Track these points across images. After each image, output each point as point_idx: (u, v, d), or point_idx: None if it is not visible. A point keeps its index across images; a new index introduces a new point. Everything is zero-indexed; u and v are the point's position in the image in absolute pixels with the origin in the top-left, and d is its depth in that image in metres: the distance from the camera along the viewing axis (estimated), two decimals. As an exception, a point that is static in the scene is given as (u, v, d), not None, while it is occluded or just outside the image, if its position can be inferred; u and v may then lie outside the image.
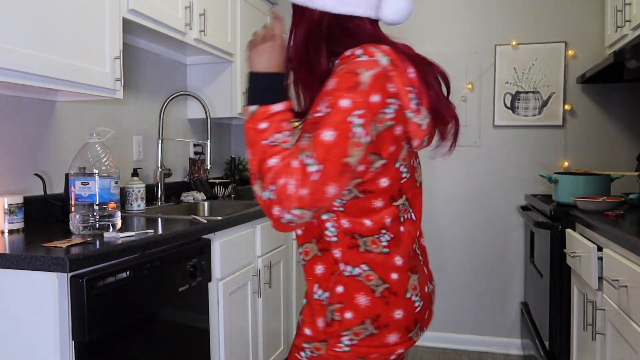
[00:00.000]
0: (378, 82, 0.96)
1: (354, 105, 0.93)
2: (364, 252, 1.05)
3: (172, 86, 2.85)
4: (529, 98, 3.03)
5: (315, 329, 1.08)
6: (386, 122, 0.98)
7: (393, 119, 0.99)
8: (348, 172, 0.95)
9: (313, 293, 1.09)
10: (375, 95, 0.95)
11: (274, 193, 0.93)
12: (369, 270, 1.05)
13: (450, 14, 3.15)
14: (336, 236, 1.05)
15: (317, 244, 1.08)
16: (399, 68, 1.00)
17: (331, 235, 1.06)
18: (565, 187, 2.37)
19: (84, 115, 2.19)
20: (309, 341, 1.09)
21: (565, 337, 2.19)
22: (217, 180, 3.15)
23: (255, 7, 3.13)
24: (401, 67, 1.01)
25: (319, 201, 0.94)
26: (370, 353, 1.06)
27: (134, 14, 1.98)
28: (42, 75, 1.55)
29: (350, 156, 0.93)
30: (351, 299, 1.05)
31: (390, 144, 1.00)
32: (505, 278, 3.13)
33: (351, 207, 1.03)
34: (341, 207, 1.04)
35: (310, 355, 1.09)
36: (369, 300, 1.04)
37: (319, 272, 1.08)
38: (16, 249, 1.37)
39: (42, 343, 1.28)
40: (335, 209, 1.04)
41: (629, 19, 2.33)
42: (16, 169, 1.87)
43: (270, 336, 2.56)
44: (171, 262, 1.67)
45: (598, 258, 1.73)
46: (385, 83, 0.97)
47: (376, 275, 1.05)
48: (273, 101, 1.00)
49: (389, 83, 0.98)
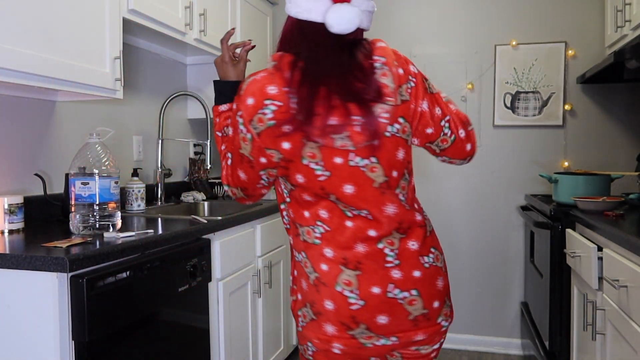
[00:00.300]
0: (253, 86, 1.10)
1: (237, 108, 1.12)
2: (303, 241, 1.17)
3: (172, 86, 2.85)
4: (529, 98, 3.03)
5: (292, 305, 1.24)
6: (267, 122, 1.08)
7: (273, 118, 1.07)
8: (245, 161, 1.14)
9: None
10: (250, 99, 1.09)
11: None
12: (305, 258, 1.16)
13: (451, 14, 3.15)
14: (288, 224, 1.22)
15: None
16: (280, 71, 1.09)
17: (286, 224, 1.23)
18: (565, 187, 2.37)
19: (84, 115, 2.19)
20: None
21: (565, 337, 2.19)
22: (217, 180, 3.15)
23: (255, 7, 3.13)
24: (284, 70, 1.09)
25: (237, 182, 1.19)
26: (312, 337, 1.15)
27: (134, 14, 1.98)
28: (42, 75, 1.55)
29: (241, 148, 1.13)
30: (299, 283, 1.19)
31: (282, 140, 1.08)
32: (505, 278, 3.13)
33: (293, 198, 1.17)
34: (288, 198, 1.18)
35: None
36: (307, 286, 1.16)
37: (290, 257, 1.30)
38: (16, 249, 1.37)
39: (42, 343, 1.28)
40: (286, 200, 1.19)
41: (629, 19, 2.33)
42: (16, 169, 1.87)
43: (270, 336, 2.56)
44: (171, 262, 1.67)
45: (598, 258, 1.73)
46: (264, 86, 1.08)
47: (310, 263, 1.15)
48: (220, 102, 1.31)
49: (269, 85, 1.08)
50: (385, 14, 3.26)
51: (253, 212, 2.31)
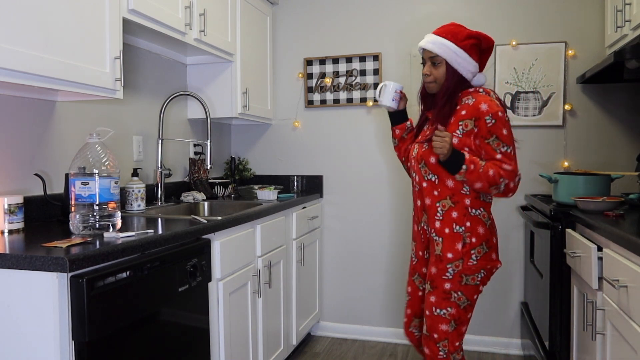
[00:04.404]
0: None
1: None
2: (482, 200, 1.89)
3: (172, 86, 2.85)
4: (529, 98, 3.03)
5: (456, 251, 1.85)
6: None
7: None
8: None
9: (453, 229, 1.86)
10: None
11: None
12: (484, 211, 1.89)
13: (450, 13, 3.15)
14: (469, 191, 1.87)
15: (451, 199, 1.87)
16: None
17: (466, 191, 1.87)
18: (565, 187, 2.37)
19: (84, 115, 2.19)
20: (452, 261, 1.85)
21: (565, 337, 2.19)
22: (217, 180, 3.16)
23: (255, 7, 3.13)
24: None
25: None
26: (486, 265, 1.88)
27: (134, 14, 1.99)
28: (42, 75, 1.55)
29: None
30: (475, 229, 1.86)
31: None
32: (505, 278, 3.13)
33: None
34: None
35: (454, 271, 1.85)
36: (484, 230, 1.87)
37: (454, 216, 1.86)
38: (16, 249, 1.37)
39: (42, 343, 1.28)
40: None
41: (629, 19, 2.33)
42: (16, 169, 1.87)
43: (270, 336, 2.56)
44: (171, 262, 1.67)
45: (598, 258, 1.73)
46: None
47: (487, 214, 1.90)
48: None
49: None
50: (385, 14, 3.26)
51: (253, 212, 2.31)
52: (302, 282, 3.05)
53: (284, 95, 3.48)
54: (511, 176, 1.81)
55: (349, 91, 3.34)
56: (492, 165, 1.81)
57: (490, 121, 1.82)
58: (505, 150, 1.82)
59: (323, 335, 3.43)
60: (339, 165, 3.40)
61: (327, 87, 3.38)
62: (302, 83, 3.43)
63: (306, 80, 3.42)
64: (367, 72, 3.30)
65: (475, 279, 1.86)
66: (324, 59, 3.38)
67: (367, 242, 3.34)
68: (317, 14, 3.40)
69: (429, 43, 1.92)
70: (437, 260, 1.89)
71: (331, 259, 3.43)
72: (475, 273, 1.85)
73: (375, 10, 3.29)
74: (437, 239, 1.89)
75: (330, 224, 3.43)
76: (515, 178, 1.82)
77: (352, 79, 3.33)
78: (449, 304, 1.86)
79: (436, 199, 1.90)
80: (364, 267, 3.35)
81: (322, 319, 3.46)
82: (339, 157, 3.39)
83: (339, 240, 3.41)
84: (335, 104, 3.37)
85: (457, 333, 1.89)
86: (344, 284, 3.41)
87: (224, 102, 2.92)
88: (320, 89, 3.39)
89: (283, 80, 3.48)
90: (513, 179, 1.82)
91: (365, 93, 3.30)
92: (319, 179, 3.43)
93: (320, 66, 3.39)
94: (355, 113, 3.35)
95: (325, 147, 3.41)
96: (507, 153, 1.82)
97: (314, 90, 3.41)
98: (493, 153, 1.83)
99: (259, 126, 3.54)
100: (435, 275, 1.88)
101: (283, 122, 3.50)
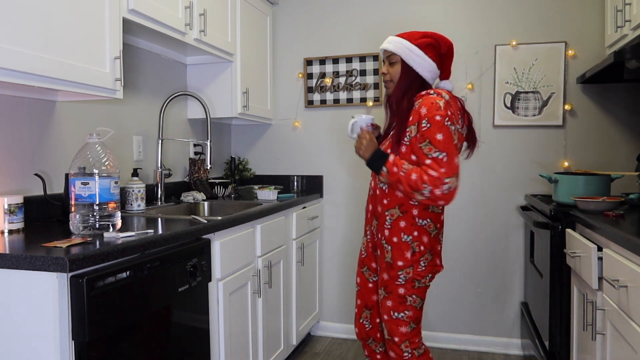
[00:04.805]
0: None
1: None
2: (430, 211, 1.90)
3: (172, 86, 2.85)
4: (529, 98, 3.03)
5: (406, 259, 1.87)
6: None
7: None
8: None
9: (401, 238, 1.88)
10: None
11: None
12: (430, 221, 1.90)
13: (450, 14, 3.15)
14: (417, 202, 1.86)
15: (400, 208, 1.88)
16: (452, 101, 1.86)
17: (414, 201, 1.86)
18: (565, 187, 2.37)
19: (84, 115, 2.19)
20: (402, 269, 1.88)
21: (565, 337, 2.19)
22: (217, 180, 3.16)
23: (255, 7, 3.13)
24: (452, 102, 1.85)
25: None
26: (432, 270, 1.92)
27: (134, 14, 1.99)
28: (42, 75, 1.55)
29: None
30: (421, 239, 1.89)
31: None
32: (505, 278, 3.13)
33: None
34: None
35: (405, 277, 1.88)
36: (428, 239, 1.90)
37: (402, 225, 1.87)
38: (16, 249, 1.37)
39: (42, 343, 1.28)
40: None
41: (629, 19, 2.33)
42: (16, 169, 1.87)
43: (270, 336, 2.56)
44: (171, 262, 1.67)
45: (598, 258, 1.73)
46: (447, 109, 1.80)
47: (433, 225, 1.91)
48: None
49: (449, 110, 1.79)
50: (385, 14, 3.26)
51: (253, 212, 2.31)
52: (302, 282, 3.05)
53: (284, 95, 3.48)
54: (435, 183, 1.71)
55: (349, 91, 3.34)
56: (417, 170, 1.76)
57: (426, 125, 1.76)
58: (436, 156, 1.73)
59: (323, 335, 3.43)
60: (339, 165, 3.40)
61: (327, 87, 3.37)
62: (302, 83, 3.43)
63: (306, 80, 3.42)
64: (367, 72, 3.30)
65: (426, 282, 1.92)
66: (324, 59, 3.38)
67: (367, 242, 3.34)
68: (317, 14, 3.40)
69: (386, 43, 1.95)
70: (387, 267, 1.92)
71: (331, 259, 3.43)
72: (424, 277, 1.91)
73: (375, 11, 3.29)
74: (386, 246, 1.92)
75: (330, 224, 3.43)
76: (440, 185, 1.71)
77: (352, 79, 3.33)
78: (406, 307, 1.90)
79: (385, 208, 1.92)
80: (364, 267, 3.35)
81: (322, 319, 3.46)
82: (339, 157, 3.39)
83: (339, 240, 3.41)
84: (335, 104, 3.37)
85: (416, 331, 1.93)
86: (344, 284, 3.41)
87: (224, 102, 2.92)
88: (320, 89, 3.39)
89: (283, 80, 3.48)
90: (438, 186, 1.71)
91: (365, 93, 3.30)
92: (319, 179, 3.43)
93: (320, 66, 3.39)
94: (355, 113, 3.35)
95: (325, 147, 3.41)
96: (437, 159, 1.73)
97: (314, 90, 3.41)
98: (423, 158, 1.76)
99: (259, 126, 3.54)
100: (388, 281, 1.91)
101: (283, 122, 3.50)
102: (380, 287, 1.95)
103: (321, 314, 3.44)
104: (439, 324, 3.24)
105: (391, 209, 1.90)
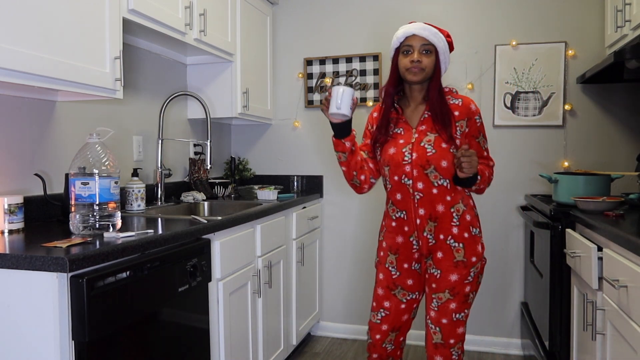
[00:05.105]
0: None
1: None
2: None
3: (172, 86, 2.85)
4: (529, 98, 3.03)
5: (478, 253, 1.85)
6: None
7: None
8: None
9: (471, 232, 1.85)
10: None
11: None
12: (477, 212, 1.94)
13: (451, 14, 3.15)
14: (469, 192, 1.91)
15: (462, 202, 1.86)
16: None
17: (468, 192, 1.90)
18: (565, 187, 2.37)
19: (84, 115, 2.19)
20: (475, 264, 1.84)
21: (565, 337, 2.19)
22: (217, 180, 3.16)
23: (255, 7, 3.13)
24: None
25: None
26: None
27: (134, 14, 1.99)
28: (42, 75, 1.55)
29: None
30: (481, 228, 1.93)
31: None
32: (505, 278, 3.13)
33: None
34: None
35: (474, 272, 1.85)
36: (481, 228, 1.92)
37: (469, 219, 1.86)
38: (16, 249, 1.37)
39: (42, 343, 1.28)
40: None
41: (629, 19, 2.33)
42: (16, 169, 1.87)
43: (270, 336, 2.56)
44: (171, 262, 1.67)
45: (598, 258, 1.73)
46: None
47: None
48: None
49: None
50: (385, 14, 3.26)
51: (253, 212, 2.31)
52: (302, 282, 3.05)
53: (284, 95, 3.48)
54: (493, 171, 1.93)
55: (349, 91, 3.33)
56: (485, 167, 1.88)
57: (479, 120, 1.89)
58: (487, 147, 1.93)
59: (323, 335, 3.43)
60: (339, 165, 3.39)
61: (327, 87, 3.37)
62: (302, 83, 3.43)
63: (306, 80, 3.42)
64: (367, 72, 3.30)
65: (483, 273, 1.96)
66: (324, 59, 3.38)
67: (367, 242, 3.33)
68: (317, 14, 3.40)
69: (423, 30, 1.82)
70: (459, 266, 1.83)
71: (331, 259, 3.43)
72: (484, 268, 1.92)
73: (376, 11, 3.29)
74: (456, 245, 1.83)
75: (330, 224, 3.43)
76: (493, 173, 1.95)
77: (352, 79, 3.33)
78: (467, 305, 1.86)
79: (450, 204, 1.84)
80: (363, 267, 3.35)
81: (322, 319, 3.46)
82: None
83: (339, 240, 3.41)
84: (335, 104, 3.37)
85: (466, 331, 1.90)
86: (344, 284, 3.41)
87: (224, 102, 2.92)
88: (320, 89, 3.39)
89: (283, 80, 3.48)
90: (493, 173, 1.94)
91: (365, 93, 3.30)
92: (319, 179, 3.43)
93: (320, 66, 3.39)
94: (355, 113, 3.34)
95: (325, 147, 3.41)
96: (488, 150, 1.94)
97: (314, 90, 3.41)
98: (481, 151, 1.90)
99: (259, 126, 3.54)
100: (456, 282, 1.82)
101: (283, 122, 3.50)
102: (443, 291, 1.83)
103: (321, 314, 3.44)
104: (439, 324, 3.23)
105: (456, 204, 1.85)
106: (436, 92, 1.84)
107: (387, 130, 1.92)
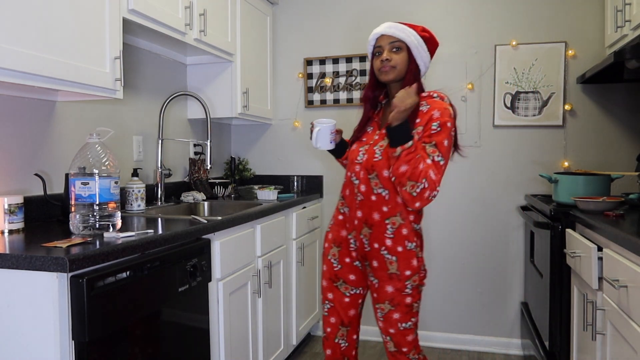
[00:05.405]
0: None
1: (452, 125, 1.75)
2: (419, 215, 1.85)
3: (172, 86, 2.85)
4: (529, 98, 3.03)
5: (412, 267, 1.79)
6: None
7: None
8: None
9: (406, 247, 1.78)
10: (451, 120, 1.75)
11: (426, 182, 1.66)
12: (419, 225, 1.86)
13: (451, 13, 3.15)
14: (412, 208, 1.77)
15: (400, 215, 1.78)
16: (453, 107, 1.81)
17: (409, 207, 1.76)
18: (565, 187, 2.37)
19: (84, 115, 2.19)
20: (410, 278, 1.79)
21: (565, 337, 2.19)
22: (217, 180, 3.16)
23: (255, 7, 3.13)
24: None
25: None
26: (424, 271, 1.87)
27: (134, 14, 1.99)
28: (42, 75, 1.55)
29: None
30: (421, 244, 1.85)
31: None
32: (505, 278, 3.13)
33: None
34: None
35: (412, 285, 1.80)
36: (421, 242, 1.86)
37: (405, 233, 1.78)
38: (16, 249, 1.37)
39: (42, 343, 1.28)
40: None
41: (629, 19, 2.33)
42: (16, 169, 1.87)
43: (270, 336, 2.56)
44: (171, 262, 1.67)
45: (598, 258, 1.73)
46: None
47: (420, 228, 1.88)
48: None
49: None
50: (385, 14, 3.26)
51: (253, 212, 2.31)
52: (302, 282, 3.05)
53: (284, 95, 3.48)
54: (431, 185, 1.65)
55: (349, 91, 3.34)
56: (425, 163, 1.66)
57: (436, 129, 1.70)
58: (438, 161, 1.68)
59: (323, 335, 3.42)
60: (339, 165, 3.40)
61: (327, 87, 3.38)
62: (302, 83, 3.43)
63: (306, 80, 3.42)
64: (367, 72, 3.30)
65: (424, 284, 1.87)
66: (324, 59, 3.38)
67: (367, 242, 3.34)
68: (317, 14, 3.40)
69: (389, 28, 1.80)
70: (393, 278, 1.79)
71: (331, 259, 3.43)
72: (424, 279, 1.85)
73: (376, 11, 3.29)
74: (389, 257, 1.79)
75: (330, 224, 3.42)
76: (432, 190, 1.66)
77: (352, 79, 3.33)
78: (411, 315, 1.82)
79: (385, 216, 1.78)
80: (364, 267, 3.35)
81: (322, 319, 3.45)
82: (339, 157, 3.39)
83: (339, 240, 3.41)
84: (335, 104, 3.37)
85: (417, 336, 1.87)
86: (344, 284, 3.41)
87: (224, 102, 2.92)
88: (320, 89, 3.39)
89: (283, 80, 3.48)
90: (431, 189, 1.65)
91: (365, 93, 3.30)
92: (319, 179, 3.43)
93: (320, 66, 3.39)
94: (355, 113, 3.34)
95: (325, 147, 3.41)
96: (438, 164, 1.68)
97: (314, 90, 3.41)
98: (425, 157, 1.68)
99: (259, 126, 3.54)
100: (394, 293, 1.79)
101: (283, 122, 3.50)
102: (383, 302, 1.82)
103: (321, 314, 3.44)
104: (439, 324, 3.24)
105: (392, 216, 1.77)
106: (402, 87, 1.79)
107: (360, 132, 1.95)
